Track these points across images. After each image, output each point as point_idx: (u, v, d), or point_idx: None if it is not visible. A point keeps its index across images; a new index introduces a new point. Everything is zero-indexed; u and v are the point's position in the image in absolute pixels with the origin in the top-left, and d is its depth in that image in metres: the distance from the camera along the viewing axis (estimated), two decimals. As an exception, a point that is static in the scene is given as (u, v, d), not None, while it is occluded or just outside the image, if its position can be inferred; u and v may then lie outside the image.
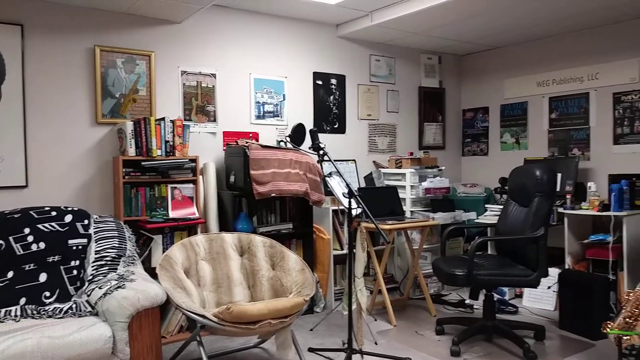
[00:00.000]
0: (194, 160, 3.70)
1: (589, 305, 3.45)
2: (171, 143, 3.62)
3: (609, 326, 2.90)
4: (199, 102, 4.02)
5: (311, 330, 3.70)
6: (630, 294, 2.88)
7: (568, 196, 4.11)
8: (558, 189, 4.31)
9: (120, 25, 3.70)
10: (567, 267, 4.02)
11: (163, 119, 3.59)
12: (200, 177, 3.82)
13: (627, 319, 2.85)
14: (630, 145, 4.27)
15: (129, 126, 3.48)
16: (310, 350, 3.29)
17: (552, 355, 3.20)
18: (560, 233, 4.12)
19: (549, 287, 4.07)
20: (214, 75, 4.08)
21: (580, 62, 4.59)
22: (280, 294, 3.07)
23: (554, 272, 3.91)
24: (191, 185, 3.71)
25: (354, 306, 3.13)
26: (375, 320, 3.92)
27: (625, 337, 2.84)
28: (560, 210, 4.08)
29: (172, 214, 3.59)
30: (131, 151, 3.48)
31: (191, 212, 3.66)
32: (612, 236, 3.76)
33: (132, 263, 3.01)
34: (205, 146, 4.04)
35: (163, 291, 2.63)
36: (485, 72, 5.43)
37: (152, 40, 3.82)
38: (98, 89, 3.60)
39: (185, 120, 3.92)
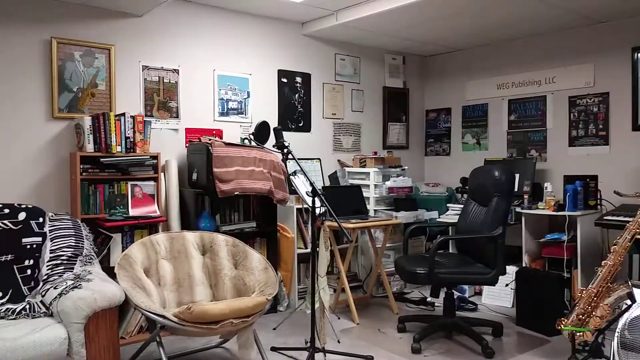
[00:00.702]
0: (155, 157, 3.63)
1: (545, 302, 3.56)
2: (131, 139, 3.53)
3: (563, 323, 3.00)
4: (161, 98, 3.94)
5: (274, 329, 3.68)
6: (583, 292, 2.99)
7: (525, 196, 4.23)
8: (516, 189, 4.43)
9: (79, 17, 3.59)
10: (524, 265, 4.14)
11: (123, 114, 3.50)
12: (162, 174, 3.75)
13: (580, 316, 2.96)
14: (585, 148, 4.43)
15: (87, 121, 3.38)
16: (273, 349, 3.27)
17: (509, 351, 3.29)
18: (518, 232, 4.24)
19: (506, 285, 4.17)
20: (176, 71, 4.00)
21: (539, 66, 4.73)
22: (243, 293, 3.04)
23: (511, 270, 4.01)
24: (152, 182, 3.63)
25: (316, 305, 3.13)
26: (339, 318, 3.93)
27: (578, 334, 2.95)
28: (518, 209, 4.19)
29: (132, 212, 3.51)
30: (89, 147, 3.38)
31: (152, 210, 3.58)
32: (567, 235, 3.89)
33: (90, 262, 2.93)
34: (167, 143, 3.96)
35: (121, 291, 2.57)
36: (448, 74, 5.53)
37: (112, 34, 3.71)
38: (54, 83, 3.48)
39: (146, 116, 3.83)
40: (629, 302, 2.84)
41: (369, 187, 4.66)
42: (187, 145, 4.00)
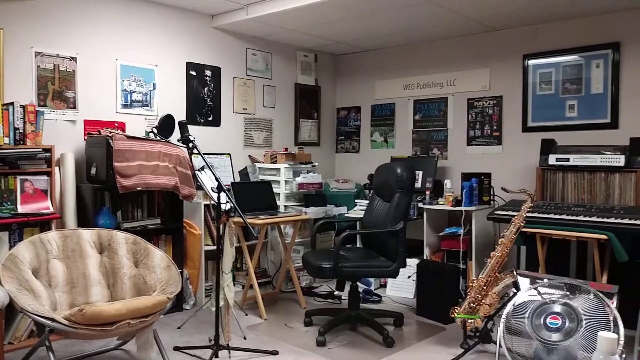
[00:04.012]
0: (48, 150, 3.40)
1: (441, 292, 3.76)
2: (21, 130, 3.29)
3: (456, 311, 3.19)
4: (57, 87, 3.69)
5: (179, 328, 3.59)
6: (474, 281, 3.19)
7: (427, 192, 4.44)
8: (419, 185, 4.64)
9: (-40, -5, 3.28)
10: (425, 257, 4.35)
11: (12, 103, 3.25)
12: (57, 168, 3.52)
13: (471, 304, 3.16)
14: (481, 147, 4.73)
15: (-31, 110, 3.10)
16: (176, 348, 3.19)
17: (408, 339, 3.44)
18: (420, 226, 4.44)
19: (409, 277, 4.36)
20: (74, 59, 3.77)
21: (441, 69, 4.98)
22: (143, 293, 2.94)
23: (413, 262, 4.19)
24: (45, 177, 3.41)
25: (221, 302, 3.09)
26: (246, 315, 3.91)
27: (469, 321, 3.15)
28: (420, 205, 4.39)
29: (22, 208, 3.27)
30: (-29, 138, 3.11)
31: (44, 206, 3.36)
32: (463, 229, 4.13)
33: (-31, 263, 2.69)
34: (63, 135, 3.72)
35: (5, 294, 2.39)
36: (358, 73, 5.67)
37: (0, 16, 3.42)
38: None
39: (39, 106, 3.57)
40: (514, 290, 3.09)
41: (279, 183, 4.67)
42: (85, 138, 3.79)
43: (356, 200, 4.91)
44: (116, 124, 3.98)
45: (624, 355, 2.57)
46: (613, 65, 4.02)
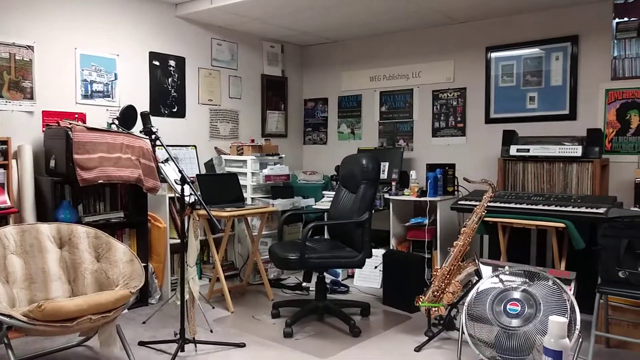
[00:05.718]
0: (5, 142, 3.31)
1: (407, 281, 3.81)
2: (-26, 122, 3.17)
3: (421, 300, 3.25)
4: (13, 77, 3.56)
5: (144, 323, 3.54)
6: (438, 270, 3.25)
7: (394, 183, 4.48)
8: (386, 176, 4.69)
9: None
10: (391, 247, 4.40)
11: (-36, 94, 3.13)
12: (14, 161, 3.41)
13: (435, 293, 3.22)
14: (445, 138, 4.80)
15: None
16: (141, 343, 3.15)
17: (375, 329, 3.48)
18: (387, 217, 4.49)
19: (375, 267, 4.41)
20: (31, 48, 3.64)
21: (407, 61, 5.02)
22: (106, 287, 2.88)
23: (380, 252, 4.24)
24: (1, 170, 3.30)
25: (186, 296, 3.06)
26: (213, 308, 3.89)
27: (433, 309, 3.21)
28: (387, 196, 4.44)
29: (-23, 203, 3.16)
30: None
31: (1, 200, 3.25)
32: (428, 219, 4.19)
33: None
34: (20, 127, 3.60)
35: (-42, 291, 2.31)
36: (325, 64, 5.66)
37: (-51, 2, 3.28)
38: None
39: (-6, 96, 3.45)
40: (477, 278, 3.16)
41: (246, 175, 4.64)
42: (44, 129, 3.68)
43: (324, 192, 4.93)
44: (76, 115, 3.87)
45: (580, 340, 2.66)
46: (572, 58, 4.13)
